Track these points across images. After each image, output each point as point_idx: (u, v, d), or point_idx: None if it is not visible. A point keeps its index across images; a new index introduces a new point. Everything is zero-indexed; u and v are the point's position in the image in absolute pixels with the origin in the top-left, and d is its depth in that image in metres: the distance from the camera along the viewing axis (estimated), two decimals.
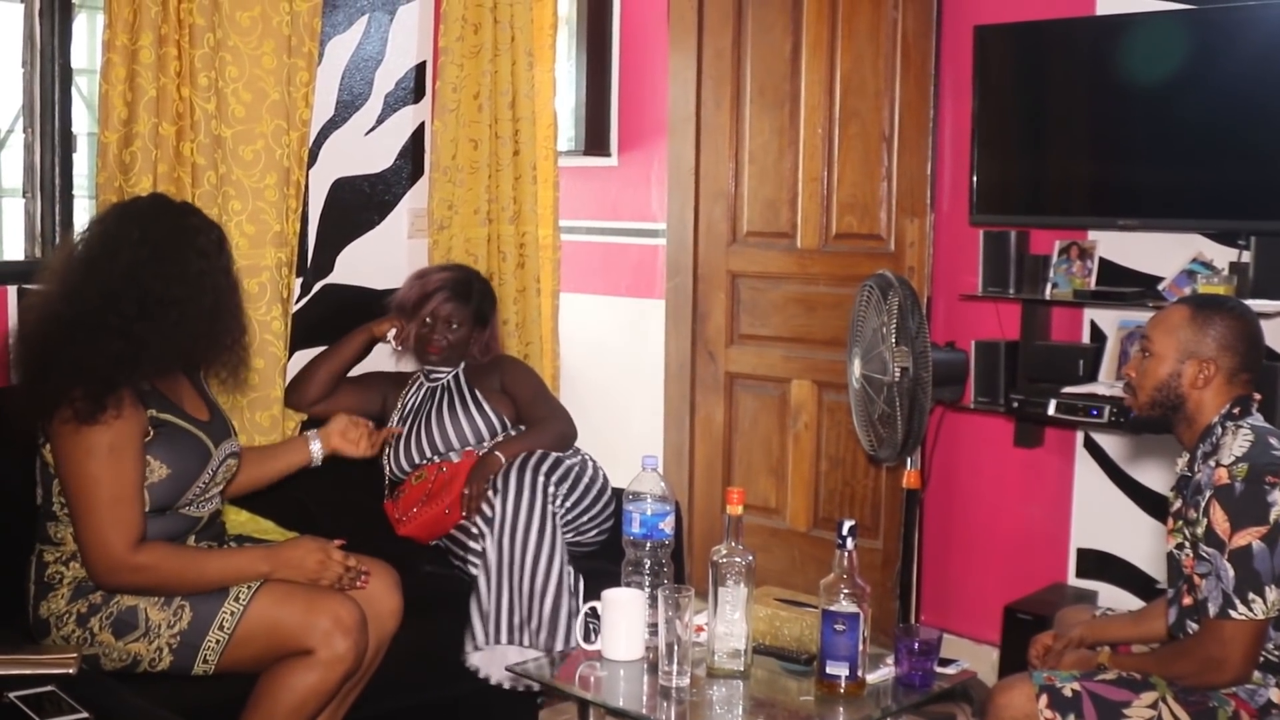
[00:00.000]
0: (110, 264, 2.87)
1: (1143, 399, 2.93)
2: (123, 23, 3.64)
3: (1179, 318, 2.89)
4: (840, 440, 4.94)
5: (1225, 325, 2.85)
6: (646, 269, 5.55)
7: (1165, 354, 2.87)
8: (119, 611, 2.91)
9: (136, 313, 2.83)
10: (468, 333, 4.10)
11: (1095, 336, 4.31)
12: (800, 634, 3.07)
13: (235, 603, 2.93)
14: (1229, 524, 2.69)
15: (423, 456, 3.99)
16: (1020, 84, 4.36)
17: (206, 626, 2.91)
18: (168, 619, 2.91)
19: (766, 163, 5.10)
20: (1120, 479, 4.30)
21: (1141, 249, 4.17)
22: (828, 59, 4.87)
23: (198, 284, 2.92)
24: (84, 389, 2.78)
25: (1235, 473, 2.71)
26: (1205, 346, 2.84)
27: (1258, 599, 2.66)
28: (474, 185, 4.51)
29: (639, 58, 5.55)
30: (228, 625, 2.92)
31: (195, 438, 3.01)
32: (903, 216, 4.67)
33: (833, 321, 4.87)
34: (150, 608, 2.91)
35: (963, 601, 4.67)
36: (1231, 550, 2.68)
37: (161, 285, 2.86)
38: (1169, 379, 2.87)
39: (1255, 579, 2.66)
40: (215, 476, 3.07)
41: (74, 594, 2.93)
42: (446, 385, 4.08)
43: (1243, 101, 3.84)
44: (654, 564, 3.12)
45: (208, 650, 2.91)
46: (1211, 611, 2.70)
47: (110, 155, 3.67)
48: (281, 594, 2.98)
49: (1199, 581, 2.76)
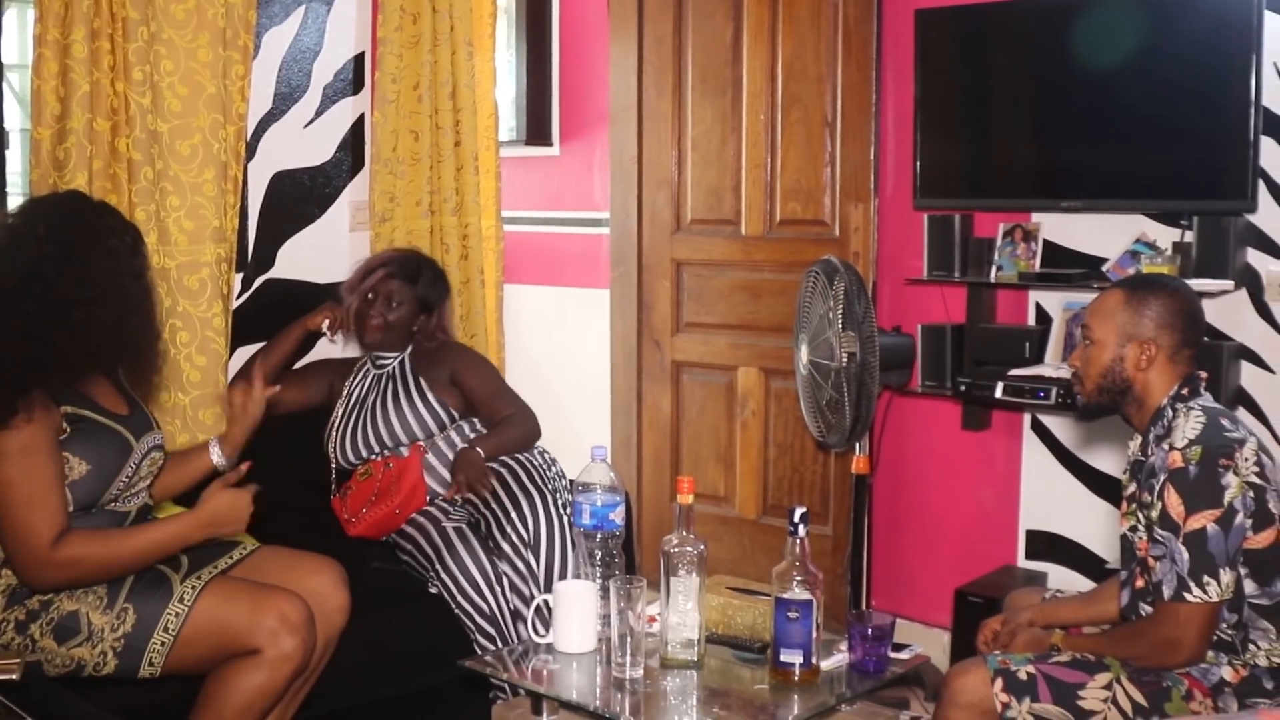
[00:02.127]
0: (13, 261, 2.82)
1: (1089, 387, 2.94)
2: (54, 16, 3.58)
3: (1113, 302, 2.90)
4: (788, 427, 4.93)
5: (1161, 304, 2.86)
6: (591, 258, 5.52)
7: (1106, 340, 2.89)
8: (59, 617, 2.86)
9: (40, 312, 2.77)
10: (409, 314, 4.02)
11: (1041, 319, 4.32)
12: (753, 622, 3.06)
13: (180, 604, 2.89)
14: (1183, 507, 2.70)
15: (369, 450, 3.94)
16: (962, 67, 4.36)
17: (151, 629, 2.87)
18: (110, 622, 2.86)
19: (709, 150, 5.08)
20: (1068, 460, 4.32)
21: (1085, 230, 4.19)
22: (769, 45, 4.86)
23: (104, 284, 2.85)
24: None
25: (1189, 455, 2.72)
26: (1144, 327, 2.86)
27: (1212, 581, 2.67)
28: (415, 177, 4.47)
29: (579, 46, 5.51)
30: (172, 627, 2.87)
31: (114, 432, 2.95)
32: (847, 202, 4.66)
33: (779, 308, 4.86)
34: (92, 612, 2.87)
35: (914, 585, 4.67)
36: (1186, 533, 2.69)
37: (66, 285, 2.80)
38: (1112, 364, 2.88)
39: (1209, 561, 2.67)
40: (139, 470, 3.01)
41: (9, 601, 2.89)
42: (392, 373, 4.02)
43: (1184, 83, 3.85)
44: (605, 555, 3.11)
45: (153, 653, 2.87)
46: (1166, 594, 2.71)
47: (44, 151, 3.61)
48: (226, 593, 2.94)
49: (1153, 564, 2.77)
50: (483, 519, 3.76)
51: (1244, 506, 2.69)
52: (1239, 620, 2.75)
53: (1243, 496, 2.69)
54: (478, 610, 3.58)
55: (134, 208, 3.71)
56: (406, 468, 3.84)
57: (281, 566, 3.18)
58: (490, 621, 3.58)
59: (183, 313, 3.81)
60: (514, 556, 3.67)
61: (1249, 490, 2.70)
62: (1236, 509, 2.68)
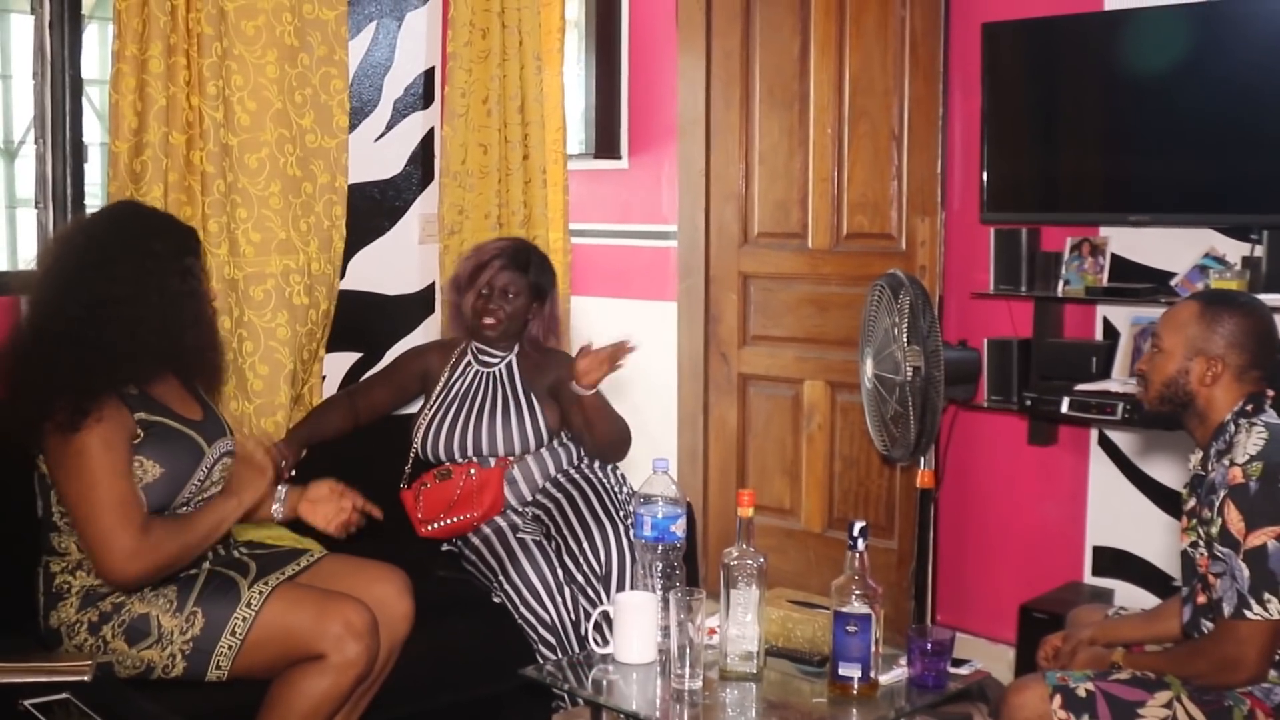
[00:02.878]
0: (61, 269, 2.92)
1: (1152, 394, 2.92)
2: (132, 33, 3.65)
3: (1187, 314, 2.88)
4: (854, 440, 4.93)
5: (1234, 322, 2.84)
6: (659, 271, 5.55)
7: (1173, 350, 2.87)
8: (131, 619, 2.92)
9: (86, 316, 2.84)
10: (526, 304, 3.98)
11: (1108, 333, 4.29)
12: (813, 635, 3.07)
13: (247, 609, 2.95)
14: (1244, 523, 2.67)
15: (462, 453, 3.90)
16: (1029, 80, 4.34)
17: (219, 633, 2.92)
18: (180, 625, 2.92)
19: (776, 163, 5.10)
20: (1135, 476, 4.28)
21: (1153, 244, 4.16)
22: (836, 58, 4.87)
23: (142, 283, 2.90)
24: (62, 399, 2.79)
25: (1250, 471, 2.70)
26: (1213, 344, 2.83)
27: (1273, 599, 2.64)
28: (484, 190, 4.51)
29: (648, 60, 5.55)
30: (239, 631, 2.93)
31: (187, 437, 3.01)
32: (913, 215, 4.66)
33: (845, 321, 4.86)
34: (163, 615, 2.92)
35: (978, 601, 4.65)
36: (1246, 550, 2.66)
37: (104, 286, 2.87)
38: (1176, 375, 2.86)
39: (1271, 578, 2.65)
40: (211, 475, 3.06)
41: (83, 602, 2.95)
42: (499, 377, 3.97)
43: (1251, 94, 3.82)
44: (666, 567, 3.12)
45: (220, 656, 2.93)
46: (1226, 611, 2.69)
47: (121, 165, 3.68)
48: (293, 599, 2.99)
49: (1214, 581, 2.75)
50: (556, 540, 3.76)
51: None
52: None
53: None
54: (540, 620, 3.60)
55: (207, 219, 3.78)
56: (489, 481, 3.85)
57: (348, 574, 3.21)
58: (552, 631, 3.60)
59: (248, 322, 3.87)
60: (583, 582, 3.68)
61: None
62: None
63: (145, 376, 2.97)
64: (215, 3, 3.75)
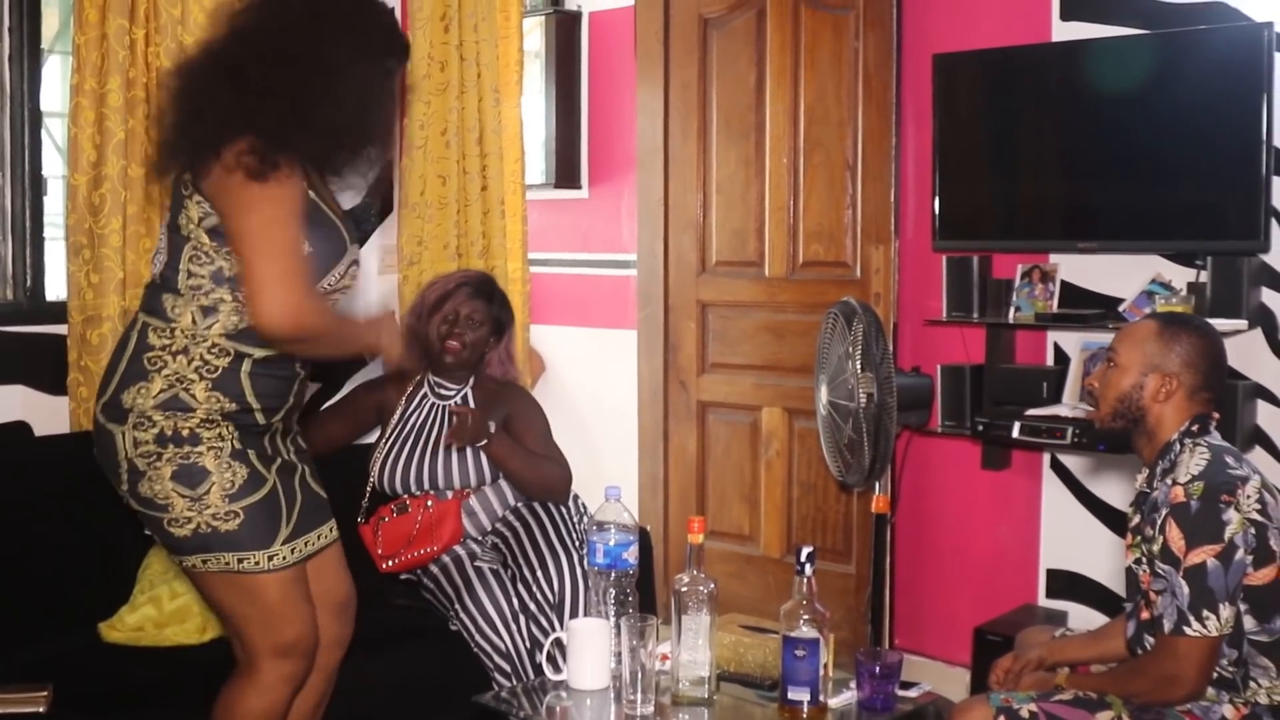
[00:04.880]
0: (289, 21, 2.75)
1: (1104, 409, 2.97)
2: (91, 67, 3.69)
3: (1145, 331, 2.94)
4: (811, 466, 4.97)
5: (1190, 343, 2.90)
6: (619, 299, 5.60)
7: (1129, 365, 2.92)
8: (192, 461, 2.76)
9: (293, 73, 2.70)
10: (487, 335, 4.03)
11: (1059, 359, 4.36)
12: (764, 660, 3.11)
13: (265, 559, 2.81)
14: (1184, 541, 2.73)
15: (419, 485, 3.93)
16: (978, 110, 4.42)
17: (231, 548, 2.78)
18: (219, 508, 2.77)
19: (734, 193, 5.15)
20: (1087, 499, 4.34)
21: (1102, 271, 4.23)
22: (791, 90, 4.93)
23: (353, 60, 2.77)
24: (253, 142, 2.65)
25: (1191, 491, 2.75)
26: (1169, 361, 2.89)
27: (1212, 616, 2.69)
28: (443, 221, 4.54)
29: (607, 91, 5.61)
30: (242, 567, 2.79)
31: (336, 227, 2.90)
32: (868, 243, 4.72)
33: (802, 348, 4.91)
34: (217, 487, 2.77)
35: (935, 624, 4.70)
36: (1186, 568, 2.72)
37: (313, 44, 2.71)
38: (1131, 390, 2.92)
39: (1209, 596, 2.70)
40: (341, 279, 2.93)
41: (165, 403, 2.77)
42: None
43: (1196, 124, 3.90)
44: (619, 593, 3.15)
45: (212, 561, 2.79)
46: (1166, 628, 2.74)
47: (80, 197, 3.71)
48: (291, 584, 2.87)
49: (1154, 598, 2.80)
50: (512, 569, 3.79)
51: (1245, 543, 2.71)
52: (1239, 657, 2.78)
53: (1244, 533, 2.71)
54: (495, 648, 3.62)
55: None
56: (447, 513, 3.88)
57: (329, 573, 3.07)
58: (507, 659, 3.62)
59: None
60: (536, 612, 3.71)
61: (1250, 527, 2.72)
62: (1237, 545, 2.71)
63: (324, 159, 2.86)
64: (175, 37, 3.79)
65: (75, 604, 3.54)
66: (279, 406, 2.88)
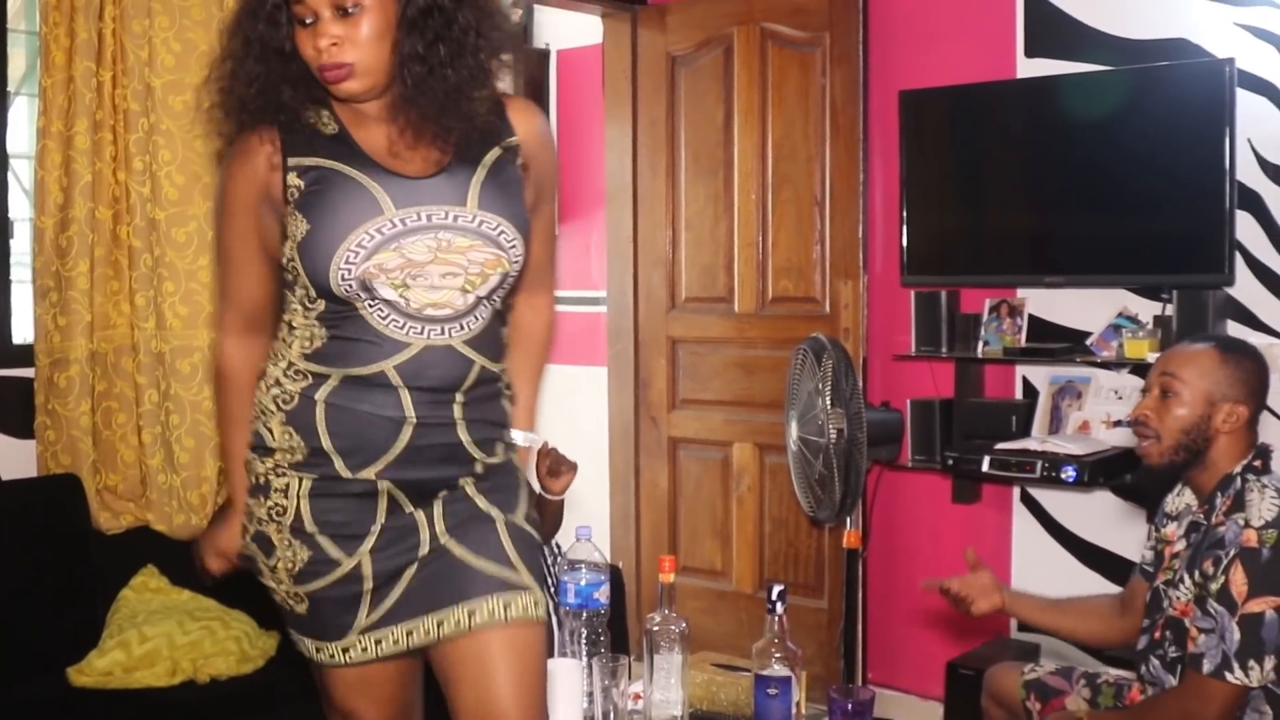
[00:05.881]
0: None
1: (1168, 442, 2.83)
2: (57, 109, 3.69)
3: (1210, 359, 2.82)
4: (783, 502, 4.97)
5: (1251, 369, 2.81)
6: (589, 336, 5.60)
7: (1195, 395, 2.79)
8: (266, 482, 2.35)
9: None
10: None
11: (1028, 392, 4.38)
12: (736, 699, 3.09)
13: (335, 651, 2.48)
14: (1247, 587, 2.63)
15: None
16: (945, 146, 4.45)
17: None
18: (288, 551, 2.36)
19: (703, 229, 5.17)
20: (1058, 532, 4.36)
21: (1069, 305, 4.26)
22: (759, 126, 4.96)
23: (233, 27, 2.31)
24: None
25: (1265, 538, 2.65)
26: (1236, 389, 2.79)
27: (1256, 666, 2.62)
28: None
29: (576, 128, 5.63)
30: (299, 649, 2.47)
31: (360, 187, 2.28)
32: (837, 279, 4.73)
33: (772, 384, 4.92)
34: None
35: (907, 659, 4.70)
36: (1244, 614, 2.63)
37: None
38: (1198, 422, 2.80)
39: (1259, 646, 2.62)
40: (397, 249, 2.27)
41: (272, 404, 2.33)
42: None
43: (1160, 160, 3.94)
44: (590, 633, 3.14)
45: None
46: (1206, 668, 2.66)
47: (47, 239, 3.70)
48: (363, 684, 2.58)
49: (1195, 634, 2.71)
50: None
51: None
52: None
53: None
54: None
55: (134, 293, 3.80)
56: None
57: None
58: None
59: (174, 395, 3.87)
60: None
61: None
62: None
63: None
64: (142, 79, 3.79)
65: (43, 648, 3.51)
66: None
